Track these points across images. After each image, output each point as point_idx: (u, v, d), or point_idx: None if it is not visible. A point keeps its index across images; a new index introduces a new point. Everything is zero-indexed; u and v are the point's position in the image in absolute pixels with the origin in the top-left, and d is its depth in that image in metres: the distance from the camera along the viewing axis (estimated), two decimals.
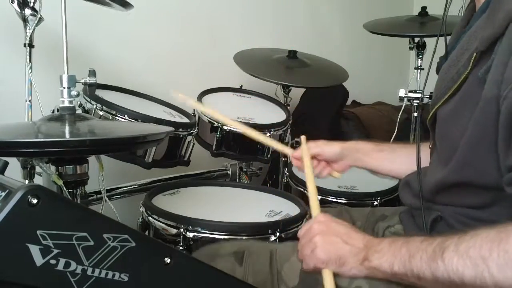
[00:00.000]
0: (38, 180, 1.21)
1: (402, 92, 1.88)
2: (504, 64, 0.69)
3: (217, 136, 1.53)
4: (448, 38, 0.97)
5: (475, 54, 0.75)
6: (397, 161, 1.12)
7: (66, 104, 1.05)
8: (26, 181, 1.20)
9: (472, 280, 0.64)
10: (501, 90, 0.69)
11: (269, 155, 1.61)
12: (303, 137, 1.12)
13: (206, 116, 1.51)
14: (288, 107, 1.84)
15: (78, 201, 1.15)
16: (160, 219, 1.16)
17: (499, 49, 0.71)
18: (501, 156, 0.70)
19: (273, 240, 1.12)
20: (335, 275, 0.80)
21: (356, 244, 0.79)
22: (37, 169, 1.20)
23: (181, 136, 1.43)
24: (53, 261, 0.56)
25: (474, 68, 0.75)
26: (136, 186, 1.57)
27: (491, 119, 0.71)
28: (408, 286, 0.74)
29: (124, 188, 1.54)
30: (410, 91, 1.88)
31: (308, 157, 1.06)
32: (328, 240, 0.80)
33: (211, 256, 0.93)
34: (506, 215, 0.75)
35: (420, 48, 1.94)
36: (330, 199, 1.54)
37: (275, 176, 2.05)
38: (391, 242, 0.75)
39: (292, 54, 1.88)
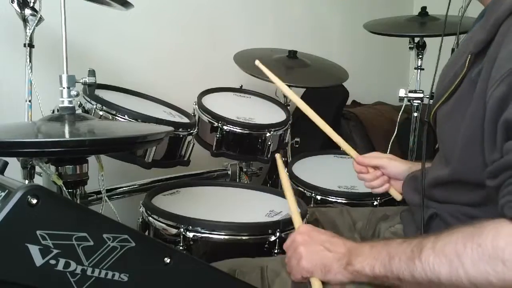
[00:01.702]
0: (38, 180, 1.21)
1: (402, 92, 1.88)
2: (492, 66, 0.71)
3: (217, 136, 1.53)
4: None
5: (469, 56, 0.77)
6: None
7: (66, 104, 1.05)
8: (26, 181, 1.20)
9: (448, 277, 0.65)
10: (487, 90, 0.70)
11: (269, 155, 1.61)
12: (278, 155, 1.12)
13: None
14: (288, 107, 1.84)
15: (78, 201, 1.15)
16: (160, 219, 1.16)
17: (489, 52, 0.73)
18: (486, 152, 0.72)
19: (273, 241, 1.12)
20: (324, 284, 0.81)
21: (338, 250, 0.80)
22: (37, 169, 1.20)
23: (181, 136, 1.43)
24: (52, 261, 0.56)
25: (469, 71, 0.78)
26: (136, 186, 1.57)
27: (480, 119, 0.72)
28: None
29: (124, 188, 1.54)
30: (410, 91, 1.88)
31: (284, 171, 1.05)
32: (311, 250, 0.82)
33: None
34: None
35: (420, 48, 1.94)
36: (330, 199, 1.54)
37: (275, 176, 2.05)
38: (372, 246, 0.77)
39: (292, 54, 1.88)
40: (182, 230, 1.10)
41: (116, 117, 1.28)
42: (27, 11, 1.24)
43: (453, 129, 0.81)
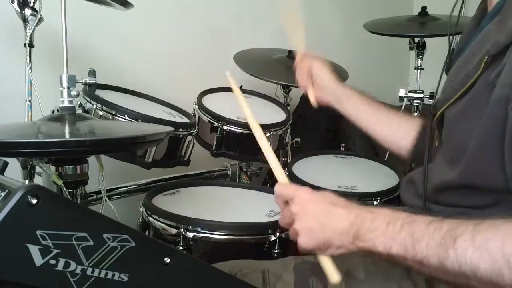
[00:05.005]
0: (38, 180, 1.21)
1: (402, 92, 1.88)
2: None
3: (217, 136, 1.54)
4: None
5: (486, 57, 0.74)
6: (393, 124, 1.16)
7: (66, 104, 1.05)
8: (26, 181, 1.20)
9: (488, 274, 0.60)
10: (510, 96, 0.68)
11: None
12: (228, 74, 0.97)
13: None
14: (288, 107, 1.84)
15: (78, 201, 1.15)
16: (160, 219, 1.16)
17: (511, 54, 0.70)
18: (506, 162, 0.69)
19: (273, 241, 1.12)
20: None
21: (340, 224, 0.75)
22: (37, 169, 1.20)
23: (181, 136, 1.43)
24: (52, 261, 0.56)
25: (485, 72, 0.74)
26: (136, 186, 1.57)
27: (498, 123, 0.70)
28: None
29: (124, 188, 1.54)
30: (410, 91, 1.88)
31: (247, 107, 0.92)
32: (307, 230, 0.76)
33: None
34: (507, 214, 0.74)
35: (420, 48, 1.94)
36: None
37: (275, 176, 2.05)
38: (388, 223, 0.71)
39: (292, 54, 1.88)
40: (182, 230, 1.10)
41: (116, 117, 1.28)
42: (27, 11, 1.24)
43: (464, 131, 0.77)
